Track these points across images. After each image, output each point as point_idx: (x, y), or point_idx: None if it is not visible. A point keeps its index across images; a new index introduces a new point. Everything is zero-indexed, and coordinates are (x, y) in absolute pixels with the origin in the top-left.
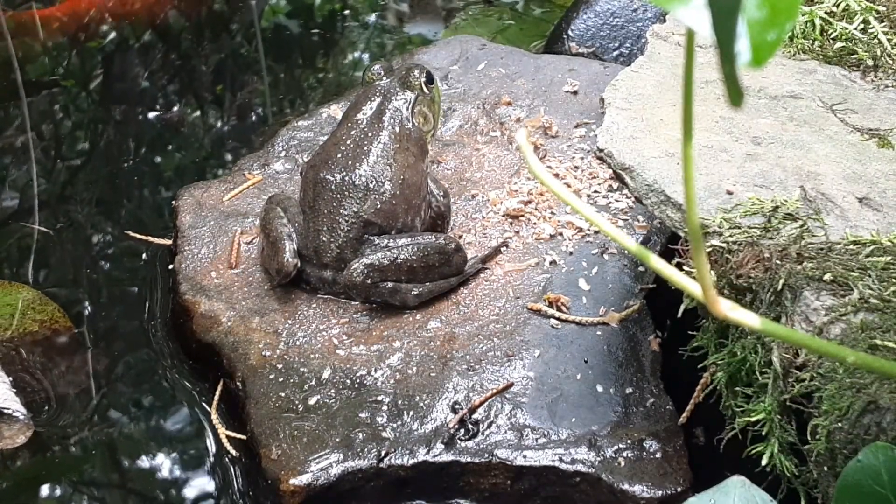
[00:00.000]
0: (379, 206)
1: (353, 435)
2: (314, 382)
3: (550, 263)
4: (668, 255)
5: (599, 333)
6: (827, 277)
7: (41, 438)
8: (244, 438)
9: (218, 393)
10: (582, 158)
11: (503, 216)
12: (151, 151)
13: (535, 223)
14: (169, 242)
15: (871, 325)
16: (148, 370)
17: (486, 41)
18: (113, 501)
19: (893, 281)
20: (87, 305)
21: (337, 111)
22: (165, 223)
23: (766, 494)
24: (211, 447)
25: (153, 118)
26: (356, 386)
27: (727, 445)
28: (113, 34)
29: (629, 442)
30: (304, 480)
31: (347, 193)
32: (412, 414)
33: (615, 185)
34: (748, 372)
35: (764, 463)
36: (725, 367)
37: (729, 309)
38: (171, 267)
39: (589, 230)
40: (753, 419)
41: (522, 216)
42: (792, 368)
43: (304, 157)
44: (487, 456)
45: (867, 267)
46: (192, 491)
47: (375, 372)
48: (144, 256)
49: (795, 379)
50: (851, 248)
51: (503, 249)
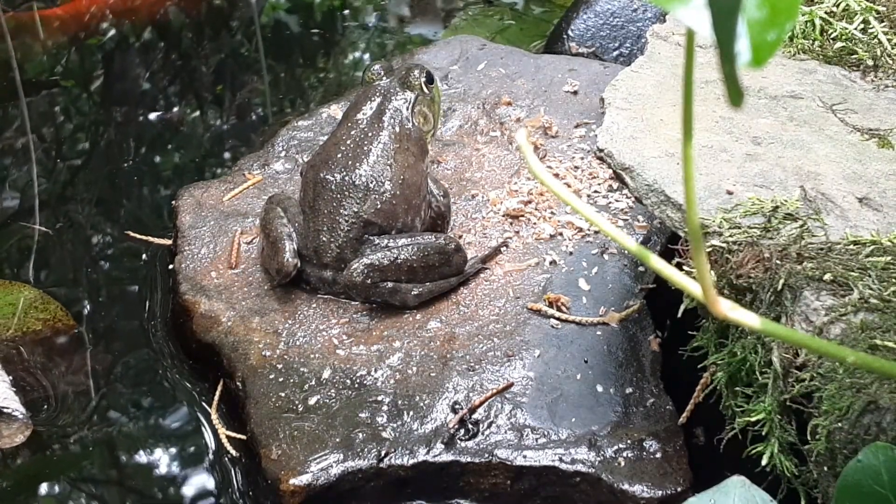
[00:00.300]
0: (379, 206)
1: (353, 435)
2: (314, 382)
3: (550, 263)
4: (668, 255)
5: (599, 333)
6: (827, 277)
7: (41, 438)
8: (244, 438)
9: (218, 393)
10: (582, 158)
11: (503, 216)
12: (151, 151)
13: (535, 223)
14: (169, 242)
15: (871, 325)
16: (148, 370)
17: (486, 41)
18: (112, 501)
19: (893, 281)
20: (87, 305)
21: (337, 111)
22: (165, 223)
23: (766, 494)
24: (211, 447)
25: (153, 118)
26: (356, 386)
27: (727, 445)
28: (113, 32)
29: (629, 442)
30: (304, 480)
31: (347, 193)
32: (412, 414)
33: (615, 185)
34: (748, 372)
35: (764, 463)
36: (725, 367)
37: (729, 309)
38: (171, 267)
39: (589, 230)
40: (753, 419)
41: (522, 216)
42: (792, 368)
43: (304, 157)
44: (487, 456)
45: (867, 267)
46: (191, 491)
47: (375, 372)
48: (144, 256)
49: (795, 379)
50: (851, 248)
51: (503, 249)
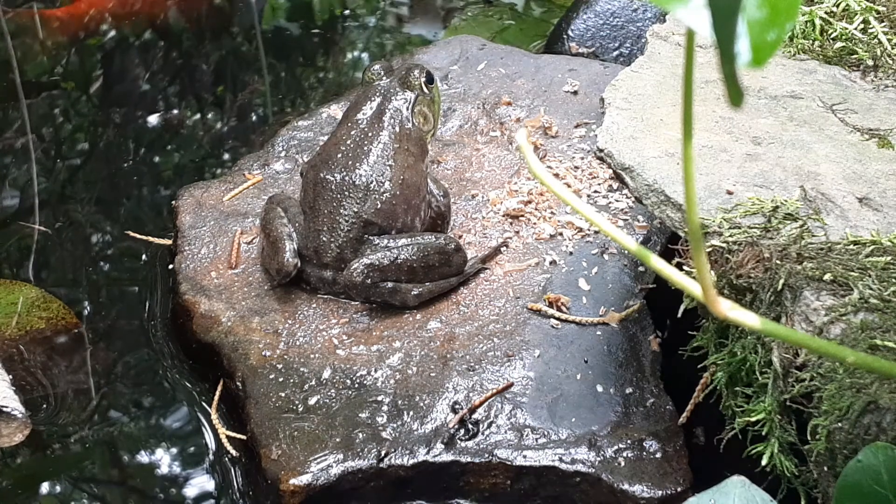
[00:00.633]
0: (379, 206)
1: (353, 435)
2: (314, 382)
3: (550, 263)
4: (668, 255)
5: (599, 333)
6: (827, 277)
7: (41, 437)
8: (244, 438)
9: (218, 393)
10: (582, 158)
11: (503, 216)
12: (151, 151)
13: (535, 223)
14: (169, 242)
15: (871, 325)
16: (148, 370)
17: (486, 41)
18: (112, 501)
19: (893, 281)
20: (87, 305)
21: (337, 111)
22: (165, 223)
23: (766, 494)
24: (211, 447)
25: (153, 118)
26: (356, 386)
27: (727, 445)
28: (113, 33)
29: (629, 442)
30: (304, 480)
31: (347, 193)
32: (412, 414)
33: (615, 185)
34: (748, 372)
35: (764, 463)
36: (725, 367)
37: (729, 309)
38: (171, 267)
39: (589, 230)
40: (753, 419)
41: (522, 216)
42: (792, 368)
43: (304, 157)
44: (487, 456)
45: (867, 267)
46: (191, 490)
47: (375, 372)
48: (144, 256)
49: (795, 379)
50: (851, 248)
51: (503, 249)
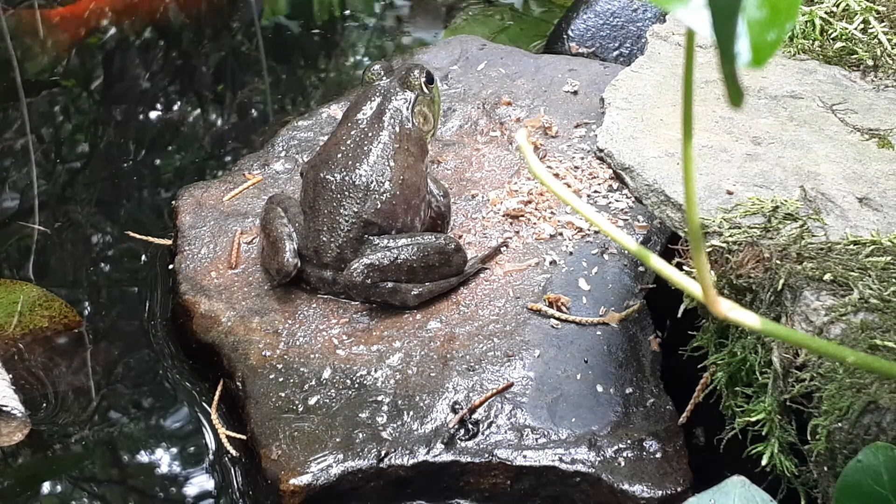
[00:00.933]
0: (379, 206)
1: (353, 435)
2: (314, 382)
3: (550, 263)
4: (668, 255)
5: (599, 333)
6: (827, 277)
7: (41, 437)
8: (244, 438)
9: (218, 393)
10: (582, 158)
11: (503, 216)
12: (151, 151)
13: (535, 223)
14: (169, 242)
15: (871, 325)
16: (148, 370)
17: (486, 41)
18: (113, 501)
19: (893, 281)
20: (87, 305)
21: (337, 111)
22: (165, 223)
23: (766, 494)
24: (211, 447)
25: (153, 118)
26: (356, 386)
27: (727, 445)
28: (113, 32)
29: (629, 442)
30: (304, 480)
31: (347, 193)
32: (412, 414)
33: (615, 185)
34: (748, 372)
35: (764, 463)
36: (725, 367)
37: (729, 309)
38: (171, 267)
39: (589, 230)
40: (753, 419)
41: (522, 216)
42: (792, 368)
43: (304, 157)
44: (487, 456)
45: (867, 267)
46: (191, 490)
47: (375, 372)
48: (144, 256)
49: (795, 379)
50: (851, 248)
51: (503, 249)
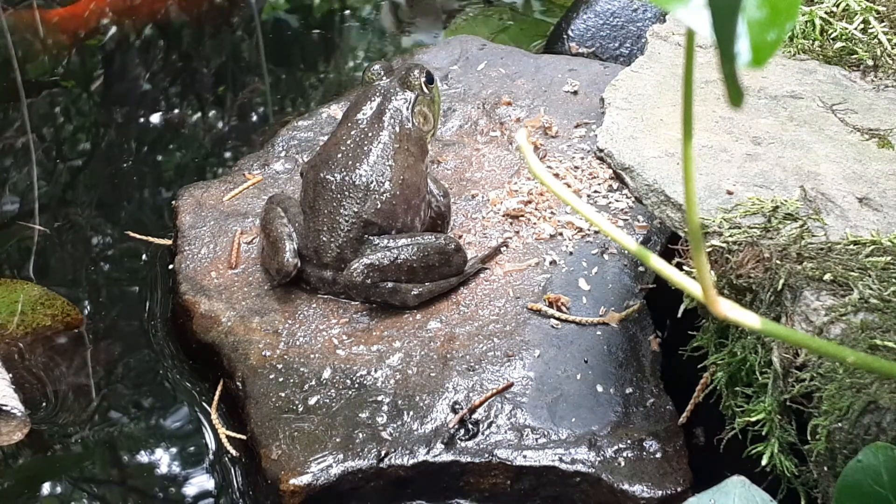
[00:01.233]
0: (379, 206)
1: (353, 435)
2: (314, 382)
3: (550, 263)
4: (668, 255)
5: (599, 333)
6: (827, 277)
7: (41, 437)
8: (244, 438)
9: (218, 393)
10: (582, 158)
11: (503, 216)
12: (152, 151)
13: (535, 223)
14: (169, 242)
15: (871, 325)
16: (148, 370)
17: (486, 41)
18: (113, 501)
19: (893, 281)
20: (87, 305)
21: (337, 111)
22: (165, 223)
23: (766, 494)
24: (211, 447)
25: (154, 118)
26: (356, 386)
27: (727, 445)
28: (113, 32)
29: (629, 442)
30: (304, 480)
31: (347, 193)
32: (412, 414)
33: (615, 185)
34: (748, 372)
35: (764, 463)
36: (725, 367)
37: (729, 309)
38: (171, 267)
39: (589, 230)
40: (753, 419)
41: (522, 216)
42: (792, 368)
43: (304, 157)
44: (487, 456)
45: (867, 267)
46: (191, 490)
47: (375, 372)
48: (144, 256)
49: (795, 379)
50: (851, 248)
51: (503, 249)
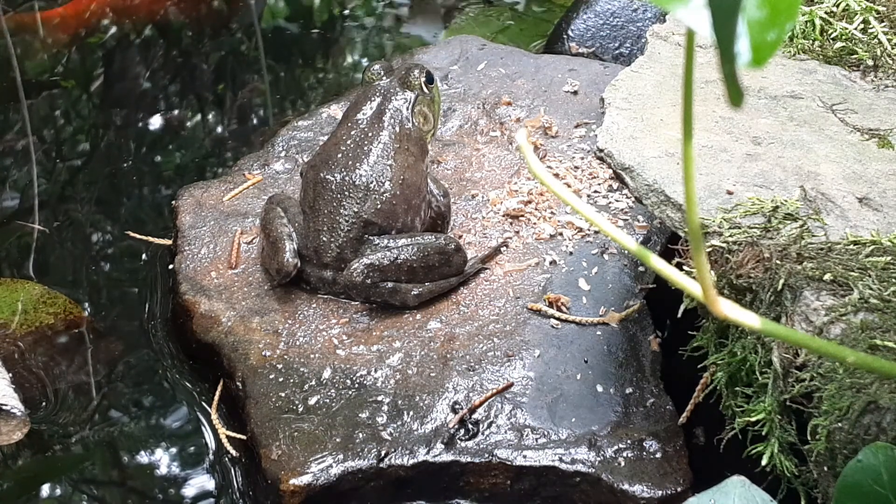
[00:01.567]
0: (379, 206)
1: (353, 435)
2: (314, 382)
3: (550, 263)
4: (668, 255)
5: (599, 333)
6: (827, 277)
7: (41, 437)
8: (244, 438)
9: (218, 393)
10: (582, 158)
11: (503, 216)
12: (151, 151)
13: (535, 223)
14: (169, 242)
15: (871, 325)
16: (148, 370)
17: (486, 41)
18: (113, 501)
19: (893, 281)
20: (87, 305)
21: (337, 111)
22: (165, 223)
23: (766, 494)
24: (211, 447)
25: (153, 118)
26: (356, 386)
27: (727, 445)
28: (113, 32)
29: (629, 442)
30: (304, 480)
31: (347, 193)
32: (412, 414)
33: (615, 185)
34: (748, 372)
35: (764, 463)
36: (725, 367)
37: (729, 309)
38: (171, 267)
39: (589, 230)
40: (753, 419)
41: (522, 216)
42: (792, 368)
43: (304, 157)
44: (487, 456)
45: (867, 267)
46: (191, 490)
47: (375, 372)
48: (144, 256)
49: (795, 379)
50: (851, 248)
51: (503, 249)
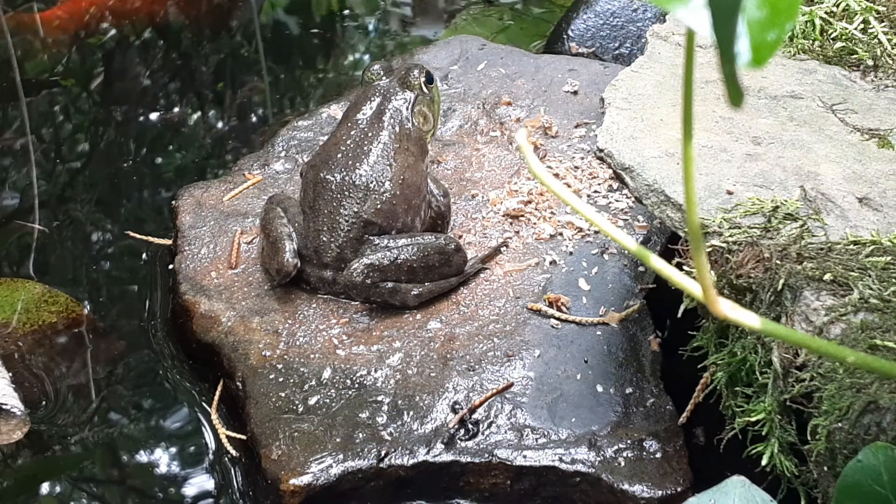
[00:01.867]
0: (379, 206)
1: (353, 435)
2: (314, 382)
3: (550, 263)
4: (668, 255)
5: (599, 333)
6: (827, 277)
7: (41, 437)
8: (244, 438)
9: (218, 393)
10: (582, 158)
11: (503, 216)
12: (151, 151)
13: (535, 223)
14: (169, 242)
15: (871, 325)
16: (148, 370)
17: (486, 41)
18: (113, 501)
19: (893, 281)
20: (87, 305)
21: (337, 111)
22: (165, 223)
23: (766, 494)
24: (211, 447)
25: (153, 118)
26: (356, 386)
27: (727, 445)
28: (113, 32)
29: (629, 442)
30: (304, 481)
31: (347, 193)
32: (412, 414)
33: (615, 185)
34: (748, 372)
35: (764, 463)
36: (725, 367)
37: (729, 309)
38: (171, 267)
39: (589, 230)
40: (753, 419)
41: (522, 216)
42: (792, 368)
43: (304, 157)
44: (487, 456)
45: (867, 267)
46: (191, 490)
47: (375, 372)
48: (144, 256)
49: (795, 379)
50: (851, 248)
51: (503, 249)
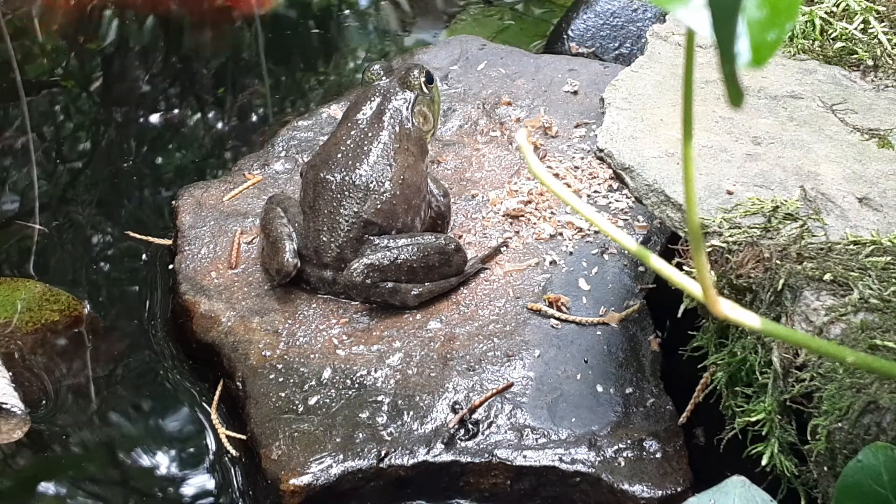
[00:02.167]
0: (379, 206)
1: (353, 435)
2: (314, 382)
3: (550, 263)
4: (668, 255)
5: (599, 333)
6: (827, 277)
7: (41, 437)
8: (244, 438)
9: (218, 393)
10: (582, 158)
11: (503, 216)
12: (152, 151)
13: (535, 223)
14: (169, 242)
15: (871, 325)
16: (148, 370)
17: (486, 41)
18: (113, 501)
19: (893, 281)
20: (87, 305)
21: (337, 111)
22: (165, 223)
23: (766, 494)
24: (211, 447)
25: (153, 118)
26: (356, 386)
27: (727, 445)
28: (113, 32)
29: (629, 442)
30: (304, 480)
31: (347, 193)
32: (412, 414)
33: (615, 185)
34: (748, 372)
35: (764, 463)
36: (725, 367)
37: (729, 309)
38: (171, 267)
39: (589, 230)
40: (753, 419)
41: (522, 216)
42: (792, 368)
43: (304, 157)
44: (487, 456)
45: (867, 267)
46: (191, 490)
47: (375, 372)
48: (144, 256)
49: (795, 379)
50: (851, 248)
51: (503, 249)
